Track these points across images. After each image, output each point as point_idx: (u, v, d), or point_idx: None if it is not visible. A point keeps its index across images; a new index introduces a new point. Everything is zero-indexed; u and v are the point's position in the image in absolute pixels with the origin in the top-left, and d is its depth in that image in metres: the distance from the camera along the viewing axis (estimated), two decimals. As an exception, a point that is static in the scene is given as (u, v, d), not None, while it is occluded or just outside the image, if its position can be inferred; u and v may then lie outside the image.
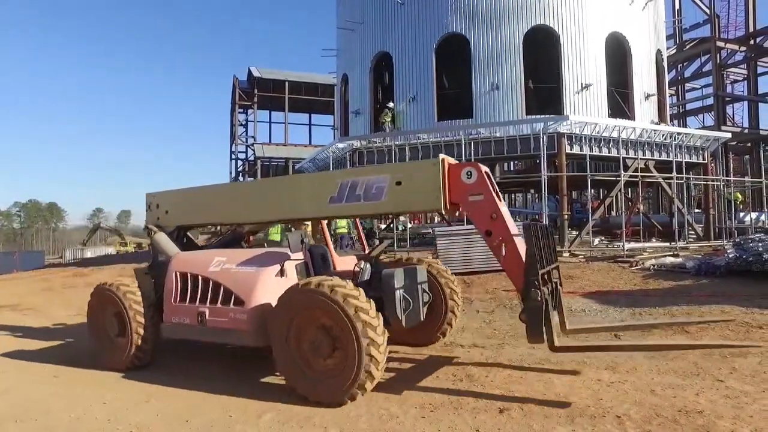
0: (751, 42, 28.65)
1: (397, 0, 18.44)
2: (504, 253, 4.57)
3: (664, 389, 4.56)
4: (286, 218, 6.19)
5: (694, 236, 16.79)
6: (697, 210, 20.57)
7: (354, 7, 20.67)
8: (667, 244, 14.81)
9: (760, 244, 9.82)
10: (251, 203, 5.97)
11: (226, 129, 52.16)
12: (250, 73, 43.02)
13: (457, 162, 5.08)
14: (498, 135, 15.71)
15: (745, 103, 31.24)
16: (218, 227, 15.68)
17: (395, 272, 5.14)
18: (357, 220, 7.34)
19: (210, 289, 5.52)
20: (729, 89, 31.97)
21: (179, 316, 5.74)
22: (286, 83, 41.36)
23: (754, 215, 18.89)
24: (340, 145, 18.38)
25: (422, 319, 5.67)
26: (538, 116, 16.48)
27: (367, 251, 6.49)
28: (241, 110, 45.57)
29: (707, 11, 29.25)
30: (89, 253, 44.01)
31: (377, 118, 19.46)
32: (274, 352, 4.79)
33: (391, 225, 17.77)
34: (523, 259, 4.47)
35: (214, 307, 5.42)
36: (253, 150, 43.19)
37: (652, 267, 11.14)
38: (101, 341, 6.27)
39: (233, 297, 5.31)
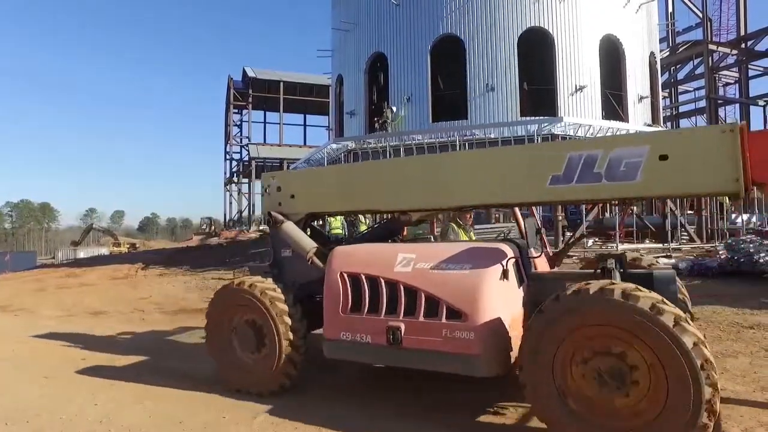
0: (743, 45, 28.94)
1: (392, 1, 18.48)
2: None
3: (656, 389, 4.59)
4: (481, 204, 4.86)
5: (687, 237, 16.91)
6: (689, 212, 20.73)
7: (349, 8, 20.70)
8: (660, 245, 14.90)
9: (751, 246, 9.93)
10: (426, 185, 4.61)
11: (220, 129, 52.03)
12: (244, 73, 42.98)
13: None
14: (492, 136, 15.79)
15: (737, 105, 31.55)
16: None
17: (673, 275, 3.99)
18: (517, 210, 5.50)
19: (402, 296, 4.13)
20: (721, 92, 32.28)
21: (354, 331, 4.32)
22: (281, 83, 41.39)
23: (745, 217, 19.04)
24: (335, 146, 18.39)
25: None
26: (533, 118, 16.60)
27: (548, 249, 5.42)
28: (236, 110, 45.52)
29: (700, 15, 29.52)
30: (82, 254, 43.74)
31: (372, 118, 19.49)
32: (527, 385, 3.51)
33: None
34: None
35: (414, 322, 4.02)
36: (248, 150, 43.15)
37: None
38: (228, 356, 5.07)
39: (445, 308, 3.92)
